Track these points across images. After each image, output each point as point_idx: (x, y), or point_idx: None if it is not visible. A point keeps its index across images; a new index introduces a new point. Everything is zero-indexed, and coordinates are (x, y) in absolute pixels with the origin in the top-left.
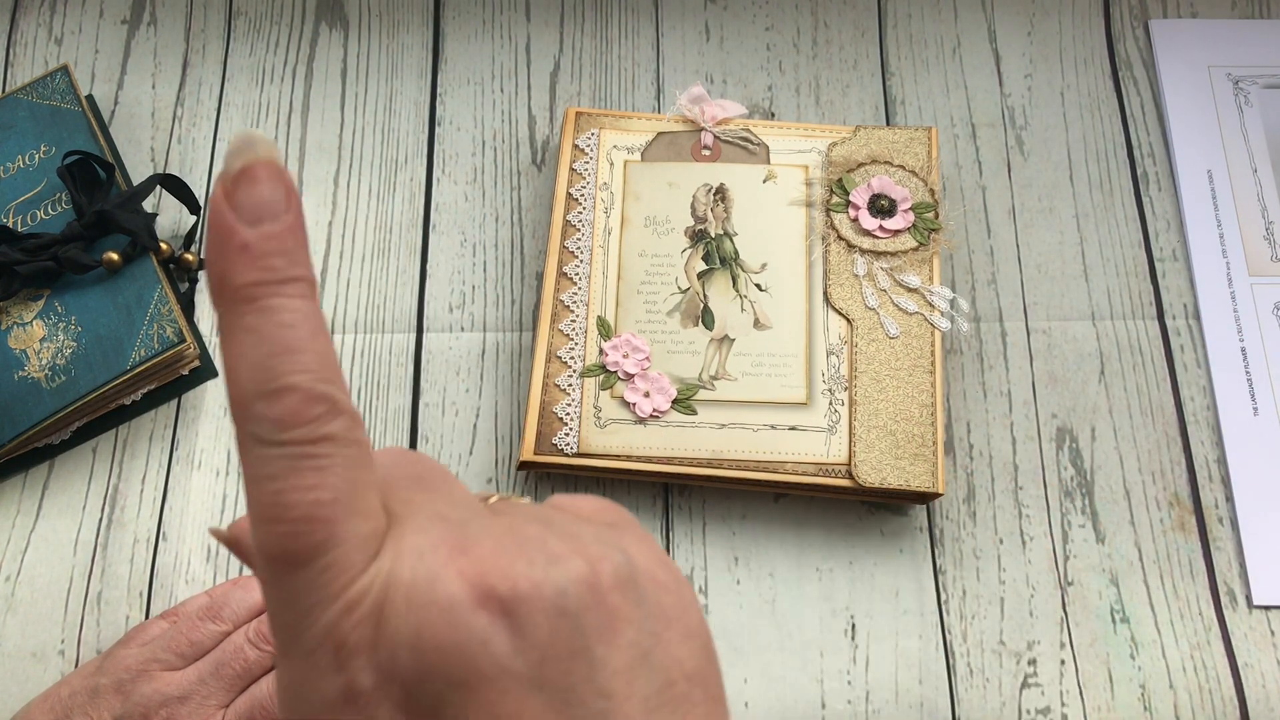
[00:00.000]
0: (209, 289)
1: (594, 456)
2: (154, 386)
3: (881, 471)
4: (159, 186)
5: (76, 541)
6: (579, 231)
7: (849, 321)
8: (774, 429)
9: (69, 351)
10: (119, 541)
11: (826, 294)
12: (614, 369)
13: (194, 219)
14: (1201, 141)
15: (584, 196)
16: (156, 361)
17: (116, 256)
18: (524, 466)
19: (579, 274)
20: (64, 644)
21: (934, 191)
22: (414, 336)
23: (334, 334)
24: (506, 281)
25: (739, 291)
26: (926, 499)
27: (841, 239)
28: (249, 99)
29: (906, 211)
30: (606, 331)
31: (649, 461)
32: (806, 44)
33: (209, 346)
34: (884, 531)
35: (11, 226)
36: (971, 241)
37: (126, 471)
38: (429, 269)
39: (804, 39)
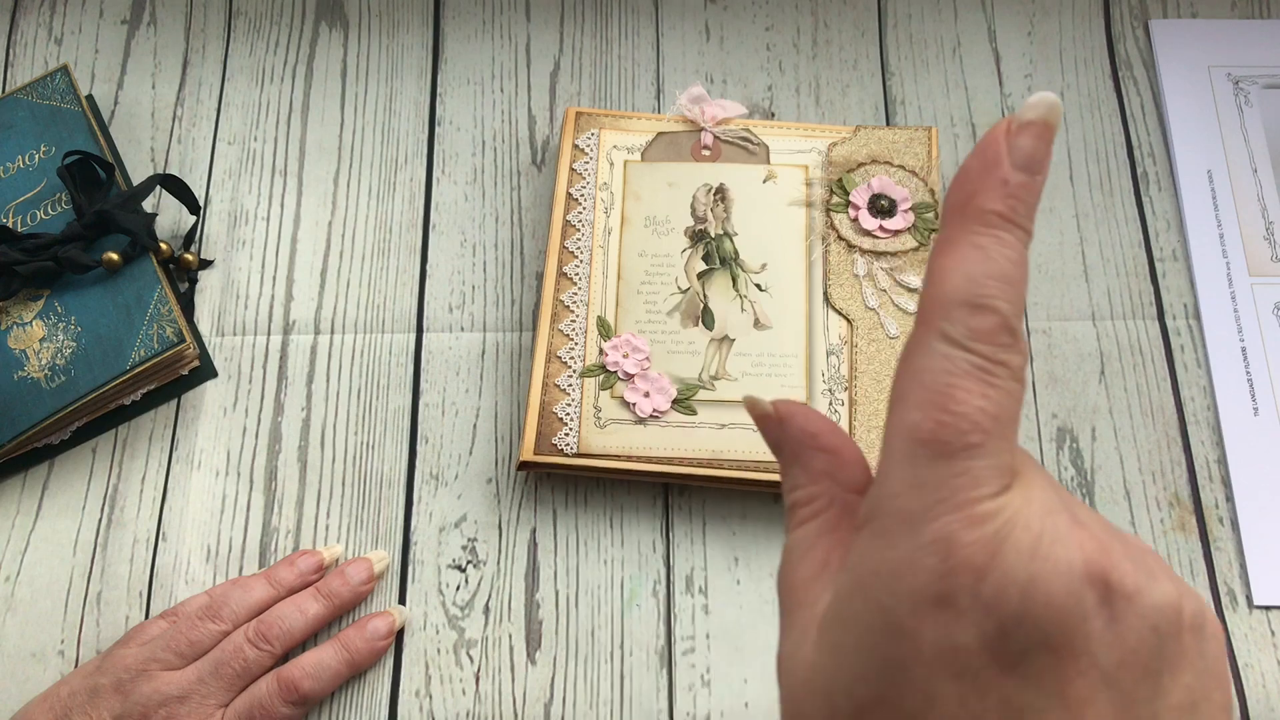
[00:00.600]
0: (947, 201)
1: (594, 456)
2: (154, 386)
3: None
4: (159, 186)
5: (76, 541)
6: (579, 231)
7: (849, 321)
8: None
9: (69, 351)
10: (119, 541)
11: (826, 294)
12: (614, 369)
13: (194, 219)
14: (1201, 141)
15: (584, 196)
16: (156, 361)
17: (116, 256)
18: (524, 466)
19: (579, 274)
20: (64, 644)
21: (934, 191)
22: (414, 336)
23: (334, 334)
24: (506, 281)
25: (739, 291)
26: None
27: (841, 239)
28: (249, 99)
29: (906, 211)
30: (606, 331)
31: (649, 461)
32: (806, 44)
33: (208, 346)
34: None
35: (11, 226)
36: None
37: (126, 471)
38: (429, 269)
39: (804, 39)
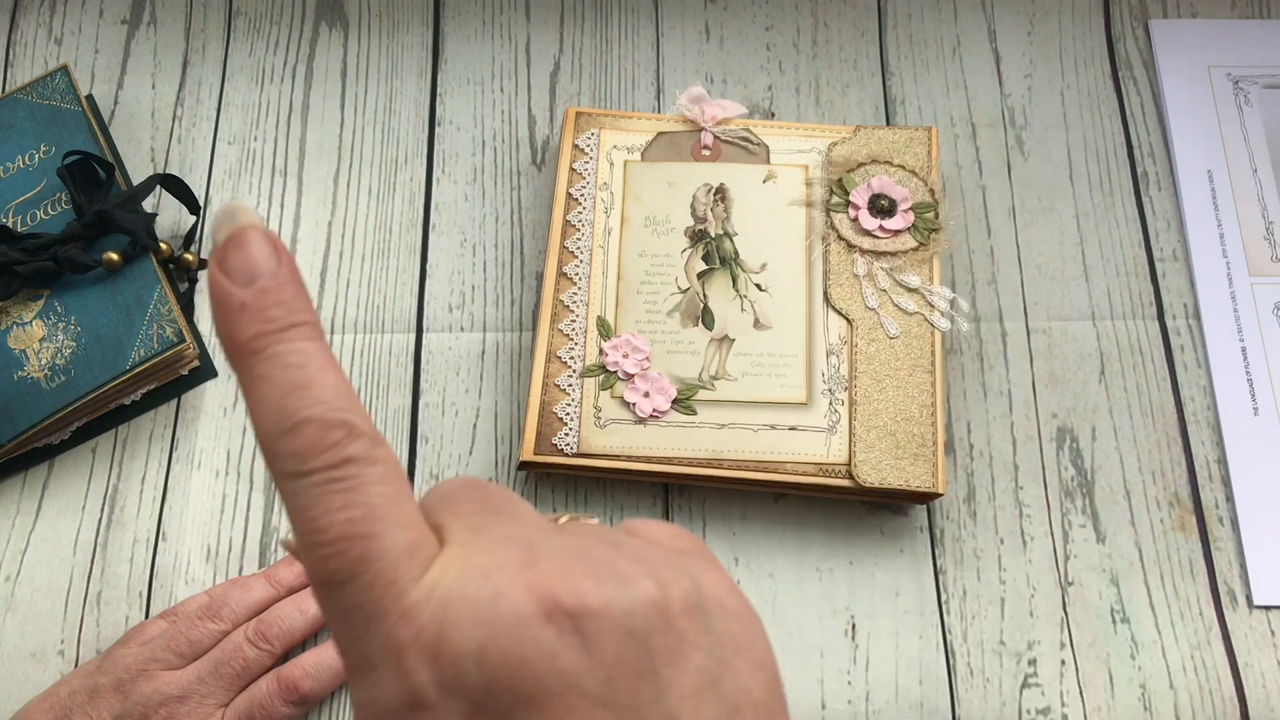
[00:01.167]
0: (224, 355)
1: (594, 456)
2: (153, 386)
3: (881, 471)
4: (159, 186)
5: (76, 541)
6: (579, 231)
7: (849, 321)
8: (774, 429)
9: (68, 351)
10: (119, 541)
11: (826, 294)
12: (614, 369)
13: (194, 219)
14: (1201, 141)
15: (584, 196)
16: (156, 361)
17: (116, 256)
18: (524, 466)
19: (579, 274)
20: (63, 644)
21: (934, 191)
22: (414, 336)
23: (334, 334)
24: (506, 281)
25: (739, 291)
26: (927, 499)
27: (841, 239)
28: (249, 99)
29: (906, 211)
30: (606, 331)
31: (649, 461)
32: (806, 44)
33: (208, 346)
34: (884, 531)
35: (11, 226)
36: (971, 241)
37: (126, 471)
38: (429, 269)
39: (804, 39)
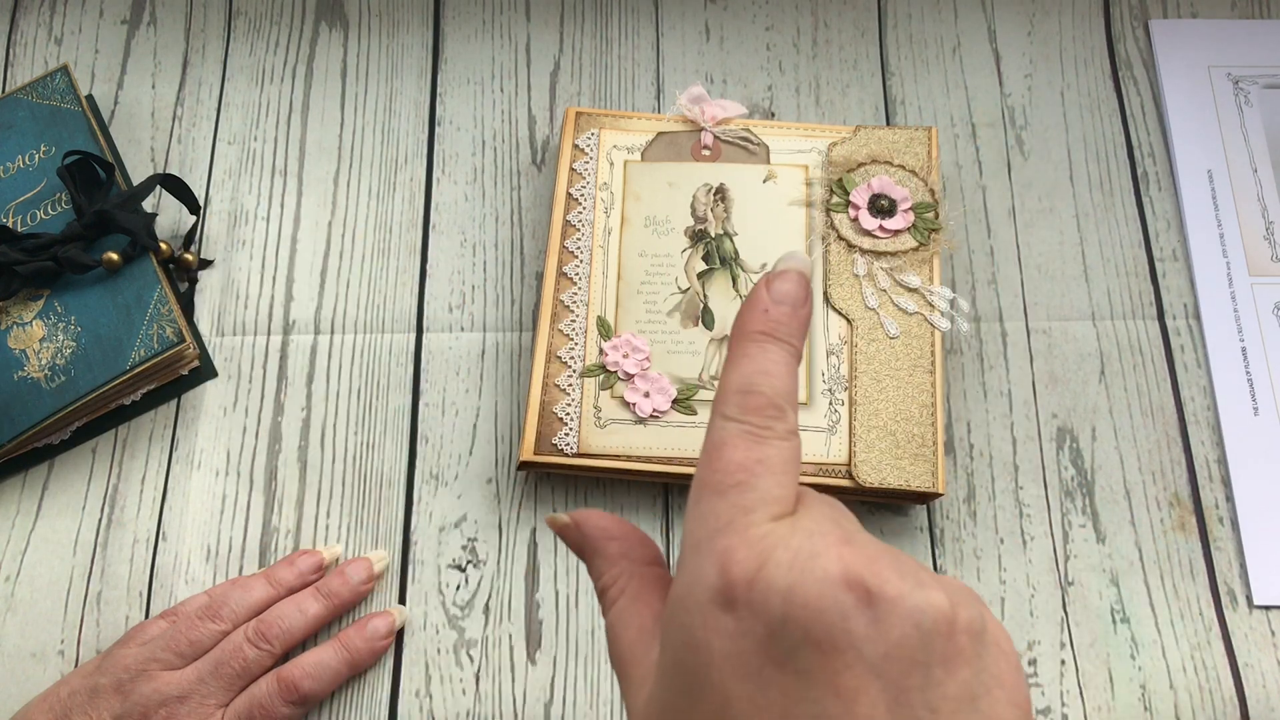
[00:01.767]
0: (731, 333)
1: (594, 456)
2: (154, 386)
3: (881, 471)
4: (159, 186)
5: (76, 541)
6: (579, 231)
7: (849, 321)
8: None
9: (68, 351)
10: (119, 541)
11: (826, 294)
12: (614, 369)
13: (194, 219)
14: (1201, 141)
15: (584, 196)
16: (156, 361)
17: (116, 256)
18: (524, 466)
19: (579, 274)
20: (64, 644)
21: (934, 191)
22: (414, 336)
23: (334, 334)
24: (506, 281)
25: (739, 291)
26: (927, 499)
27: (841, 239)
28: (249, 99)
29: (906, 211)
30: (606, 331)
31: (649, 461)
32: (806, 44)
33: (208, 347)
34: (884, 531)
35: (11, 226)
36: (971, 241)
37: (126, 471)
38: (429, 269)
39: (804, 39)
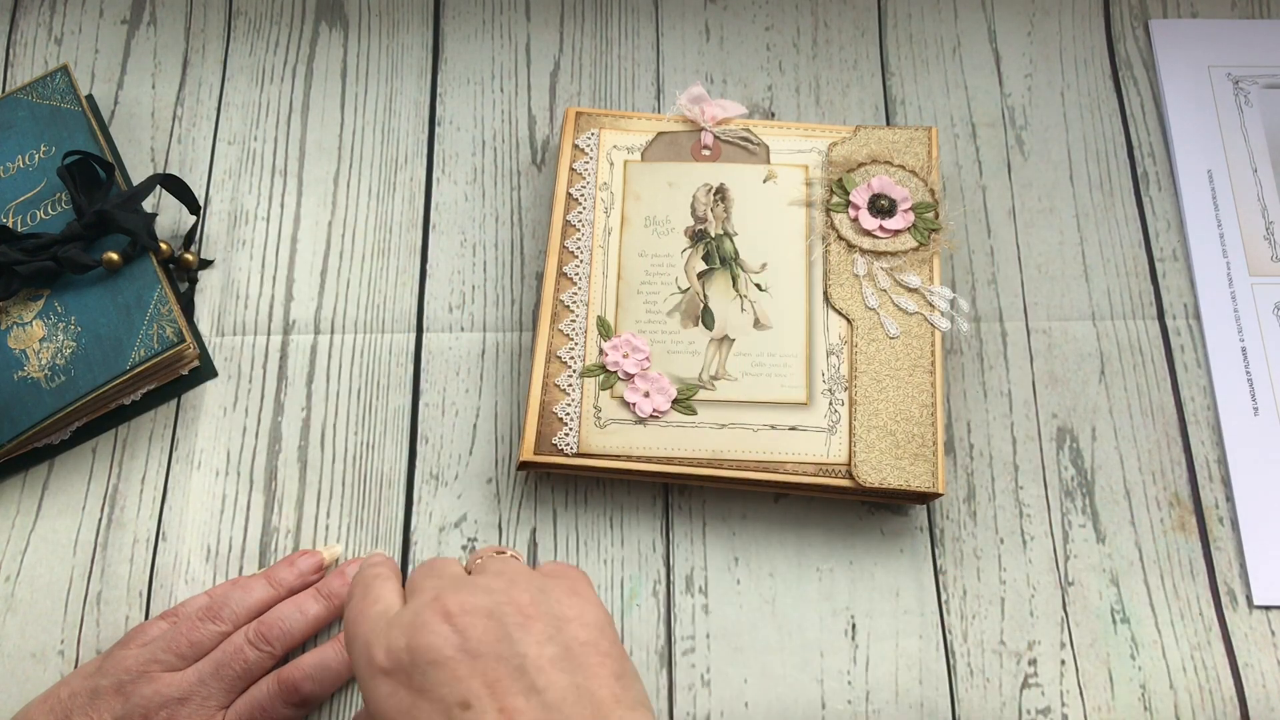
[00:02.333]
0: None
1: (594, 456)
2: (154, 386)
3: (881, 471)
4: (159, 186)
5: (76, 541)
6: (579, 231)
7: (849, 321)
8: (774, 429)
9: (68, 351)
10: (119, 541)
11: (826, 294)
12: (614, 369)
13: (194, 219)
14: (1201, 141)
15: (584, 196)
16: (156, 361)
17: (116, 256)
18: (524, 466)
19: (579, 274)
20: (64, 644)
21: (934, 191)
22: (414, 336)
23: (334, 334)
24: (506, 281)
25: (739, 291)
26: (927, 499)
27: (841, 239)
28: (249, 99)
29: (906, 211)
30: (606, 331)
31: (649, 461)
32: (806, 44)
33: (208, 346)
34: (884, 531)
35: (11, 226)
36: (971, 241)
37: (126, 471)
38: (429, 269)
39: (804, 39)
